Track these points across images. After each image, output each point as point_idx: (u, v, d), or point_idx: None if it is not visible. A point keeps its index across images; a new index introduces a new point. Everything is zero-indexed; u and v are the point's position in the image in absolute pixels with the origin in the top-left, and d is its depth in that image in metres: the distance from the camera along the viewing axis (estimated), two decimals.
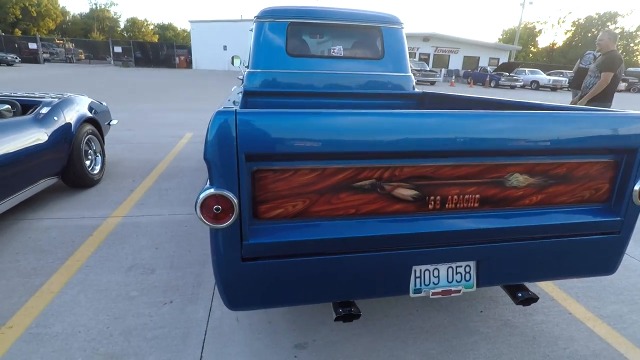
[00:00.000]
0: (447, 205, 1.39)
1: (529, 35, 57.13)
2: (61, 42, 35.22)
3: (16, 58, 23.54)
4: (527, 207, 1.48)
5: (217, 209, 1.16)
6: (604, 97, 4.41)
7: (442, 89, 20.65)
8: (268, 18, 3.00)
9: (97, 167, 3.65)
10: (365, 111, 1.24)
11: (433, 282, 1.47)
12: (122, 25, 60.56)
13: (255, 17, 3.05)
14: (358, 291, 1.42)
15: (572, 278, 1.67)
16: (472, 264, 1.50)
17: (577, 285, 2.26)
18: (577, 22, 53.61)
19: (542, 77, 24.06)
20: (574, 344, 1.76)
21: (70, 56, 32.12)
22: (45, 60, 28.86)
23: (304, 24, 3.04)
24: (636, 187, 1.48)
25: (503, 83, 22.82)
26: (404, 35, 3.27)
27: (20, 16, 44.08)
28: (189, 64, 33.66)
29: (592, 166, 1.48)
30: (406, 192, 1.34)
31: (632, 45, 50.81)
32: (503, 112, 1.36)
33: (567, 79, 23.71)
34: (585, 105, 4.39)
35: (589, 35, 51.58)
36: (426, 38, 29.12)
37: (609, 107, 4.37)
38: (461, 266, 1.49)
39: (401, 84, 3.29)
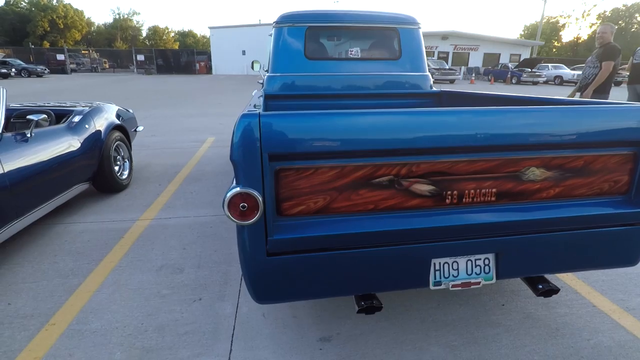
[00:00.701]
0: (464, 200, 1.42)
1: (552, 29, 55.51)
2: (86, 52, 36.71)
3: (45, 69, 24.70)
4: (545, 200, 1.49)
5: (244, 207, 1.24)
6: (603, 89, 4.51)
7: (462, 87, 20.34)
8: (287, 23, 3.09)
9: (126, 172, 3.83)
10: (381, 110, 1.30)
11: (452, 275, 1.51)
12: (144, 34, 62.54)
13: (274, 22, 3.14)
14: (379, 284, 1.47)
15: (594, 269, 1.67)
16: (491, 256, 1.52)
17: (602, 278, 2.24)
18: (602, 15, 51.68)
19: (566, 72, 23.30)
20: (598, 336, 1.76)
21: (95, 66, 33.45)
22: (72, 70, 30.14)
23: (322, 27, 3.11)
24: None
25: (525, 79, 22.26)
26: (421, 35, 3.30)
27: (49, 28, 46.20)
28: (208, 69, 34.40)
29: (609, 159, 1.49)
30: (423, 188, 1.38)
31: None
32: (516, 108, 1.39)
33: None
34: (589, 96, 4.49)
35: (616, 27, 49.55)
36: (445, 36, 28.73)
37: (607, 99, 4.54)
38: (480, 259, 1.52)
39: (419, 83, 3.32)
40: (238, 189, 1.23)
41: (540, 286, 1.63)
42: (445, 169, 1.37)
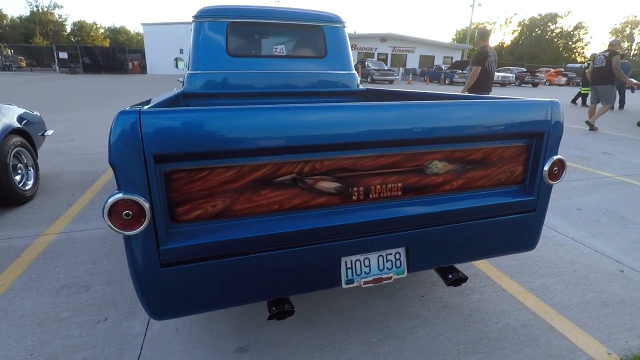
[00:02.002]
0: (370, 196, 1.42)
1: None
2: None
3: None
4: (449, 192, 1.54)
5: (128, 215, 1.12)
6: (480, 89, 4.92)
7: (400, 87, 21.22)
8: (207, 18, 2.94)
9: (30, 182, 3.41)
10: (278, 106, 1.24)
11: (364, 272, 1.50)
12: (68, 29, 57.17)
13: (193, 16, 2.97)
14: (289, 287, 1.42)
15: (499, 256, 1.76)
16: (401, 250, 1.54)
17: (512, 263, 2.40)
18: (522, 23, 57.18)
19: None
20: (506, 318, 1.87)
21: (8, 64, 29.82)
22: None
23: (245, 23, 3.01)
24: (545, 168, 1.59)
25: (457, 80, 23.85)
26: (346, 34, 3.32)
27: None
28: (143, 69, 32.29)
29: (505, 150, 1.57)
30: (329, 185, 1.35)
31: (570, 43, 54.81)
32: (417, 103, 1.41)
33: (514, 75, 25.10)
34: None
35: (533, 35, 55.13)
36: (383, 38, 29.80)
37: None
38: (391, 254, 1.53)
39: (345, 82, 3.34)
40: (120, 195, 1.11)
41: (450, 276, 1.69)
42: (349, 165, 1.35)
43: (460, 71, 24.31)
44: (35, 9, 52.23)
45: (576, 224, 3.01)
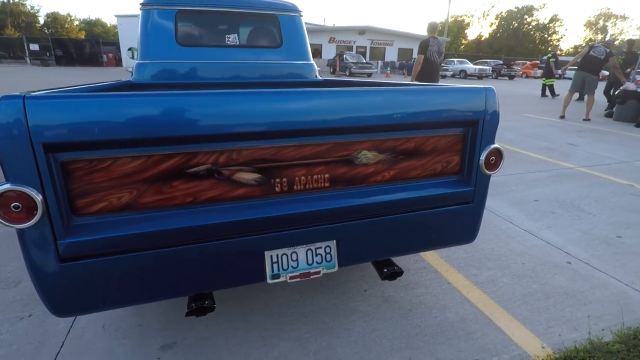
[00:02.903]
0: (295, 187, 1.35)
1: (458, 28, 60.81)
2: None
3: None
4: (381, 183, 1.49)
5: (17, 207, 1.03)
6: (426, 77, 5.39)
7: (378, 80, 21.22)
8: (155, 5, 2.81)
9: None
10: (185, 92, 1.16)
11: (292, 266, 1.44)
12: (41, 21, 55.10)
13: (140, 4, 2.84)
14: (208, 283, 1.35)
15: (437, 249, 1.74)
16: (332, 244, 1.48)
17: (462, 256, 2.39)
18: (499, 15, 58.07)
19: (469, 66, 25.74)
20: (446, 312, 1.85)
21: None
22: None
23: (195, 11, 2.89)
24: (481, 158, 1.55)
25: None
26: (303, 23, 3.24)
27: None
28: (118, 61, 31.39)
29: (439, 140, 1.52)
30: (248, 176, 1.28)
31: (546, 36, 55.98)
32: (340, 90, 1.35)
33: (491, 68, 25.46)
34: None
35: (511, 27, 56.07)
36: (362, 31, 29.75)
37: None
38: (321, 247, 1.48)
39: (302, 72, 3.26)
40: (6, 186, 1.01)
41: (385, 269, 1.65)
42: (270, 156, 1.28)
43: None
44: (5, 0, 50.14)
45: (532, 216, 3.03)
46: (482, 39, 60.72)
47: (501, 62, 30.13)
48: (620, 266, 2.30)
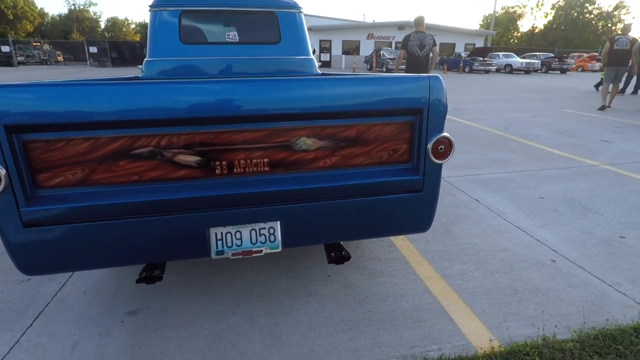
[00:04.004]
0: (235, 170, 1.46)
1: (509, 20, 57.43)
2: (38, 44, 34.63)
3: None
4: (324, 169, 1.54)
5: None
6: (412, 71, 5.62)
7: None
8: (161, 7, 3.03)
9: None
10: (123, 81, 1.31)
11: (236, 244, 1.55)
12: (102, 26, 59.76)
13: (149, 6, 3.08)
14: (155, 254, 1.49)
15: (386, 236, 1.76)
16: (275, 225, 1.57)
17: (439, 248, 2.37)
18: (556, 5, 54.00)
19: (515, 60, 24.24)
20: (401, 301, 1.86)
21: (46, 58, 31.63)
22: (20, 63, 28.39)
23: (197, 11, 3.08)
24: (428, 146, 1.56)
25: (477, 68, 23.01)
26: (303, 19, 3.32)
27: None
28: None
29: (383, 128, 1.55)
30: (189, 159, 1.40)
31: (610, 25, 51.23)
32: (277, 79, 1.43)
33: (539, 62, 23.89)
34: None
35: (569, 17, 51.97)
36: (401, 27, 29.07)
37: None
38: (265, 228, 1.57)
39: (301, 67, 3.34)
40: None
41: (333, 254, 1.71)
42: (209, 140, 1.40)
43: (481, 58, 23.38)
44: (72, 7, 54.99)
45: (530, 213, 2.90)
46: (536, 30, 56.92)
47: (552, 55, 28.10)
48: (611, 267, 2.16)
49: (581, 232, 2.61)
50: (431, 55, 5.73)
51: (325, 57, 29.83)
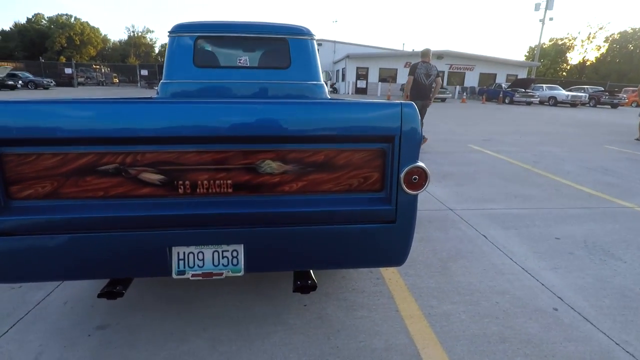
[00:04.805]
0: (198, 190, 1.47)
1: (557, 51, 55.67)
2: (97, 67, 38.07)
3: (51, 82, 25.76)
4: (289, 193, 1.52)
5: None
6: (414, 96, 6.22)
7: (453, 105, 20.43)
8: (179, 33, 3.23)
9: None
10: (94, 100, 1.38)
11: (198, 265, 1.54)
12: (157, 50, 64.67)
13: (168, 32, 3.29)
14: (117, 269, 1.51)
15: (356, 267, 1.68)
16: (239, 248, 1.55)
17: (430, 285, 2.22)
18: (610, 38, 51.78)
19: (560, 92, 23.27)
20: (374, 338, 1.75)
21: (103, 80, 34.60)
22: (80, 84, 31.28)
23: (211, 37, 3.25)
24: (401, 175, 1.50)
25: (518, 99, 22.26)
26: (314, 46, 3.41)
27: (65, 44, 48.50)
28: None
29: (352, 154, 1.51)
30: (152, 177, 1.44)
31: None
32: (239, 102, 1.45)
33: (587, 95, 22.83)
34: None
35: (624, 51, 49.60)
36: (440, 56, 29.03)
37: (417, 104, 5.90)
38: (228, 250, 1.55)
39: (310, 92, 3.40)
40: None
41: (299, 282, 1.65)
42: (172, 159, 1.43)
43: (523, 90, 22.59)
44: (132, 34, 60.35)
45: (541, 254, 2.67)
46: (587, 63, 54.65)
47: (602, 88, 26.71)
48: (623, 322, 1.92)
49: (595, 279, 2.36)
50: (434, 85, 6.33)
51: (361, 84, 30.27)
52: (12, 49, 47.27)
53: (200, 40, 3.23)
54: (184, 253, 1.53)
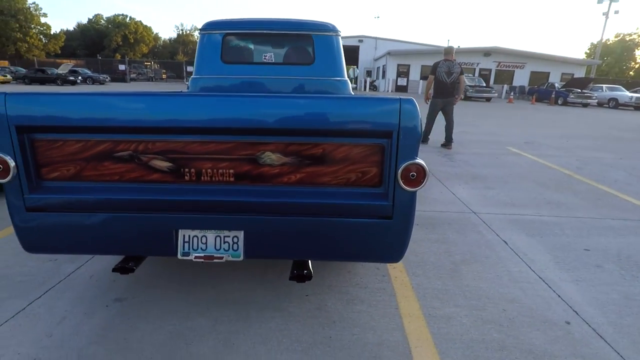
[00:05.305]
0: (202, 178, 1.58)
1: (624, 48, 51.06)
2: (148, 63, 40.44)
3: (107, 78, 28.14)
4: (289, 184, 1.58)
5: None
6: (436, 95, 6.52)
7: (500, 105, 19.45)
8: (208, 30, 3.40)
9: None
10: (108, 92, 1.52)
11: (201, 248, 1.66)
12: None
13: (199, 29, 3.47)
14: (129, 247, 1.66)
15: (351, 261, 1.71)
16: (240, 234, 1.64)
17: (436, 287, 2.19)
18: None
19: (623, 94, 21.33)
20: (368, 333, 1.77)
21: (152, 76, 36.81)
22: (132, 79, 33.57)
23: (238, 34, 3.38)
24: (398, 172, 1.50)
25: (572, 100, 20.66)
26: (339, 42, 3.43)
27: (121, 42, 52.01)
28: None
29: (351, 149, 1.53)
30: (161, 164, 1.56)
31: None
32: (243, 95, 1.52)
33: None
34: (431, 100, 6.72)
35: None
36: (487, 53, 27.70)
37: (439, 102, 6.61)
38: (229, 236, 1.65)
39: (334, 88, 3.43)
40: None
41: (295, 271, 1.71)
42: (179, 148, 1.54)
43: (579, 90, 20.95)
44: (180, 32, 63.42)
45: (564, 265, 2.53)
46: None
47: None
48: None
49: (622, 296, 2.20)
50: (458, 83, 6.43)
51: (402, 81, 29.64)
52: (75, 47, 51.65)
53: (228, 37, 3.36)
54: (189, 236, 1.64)
